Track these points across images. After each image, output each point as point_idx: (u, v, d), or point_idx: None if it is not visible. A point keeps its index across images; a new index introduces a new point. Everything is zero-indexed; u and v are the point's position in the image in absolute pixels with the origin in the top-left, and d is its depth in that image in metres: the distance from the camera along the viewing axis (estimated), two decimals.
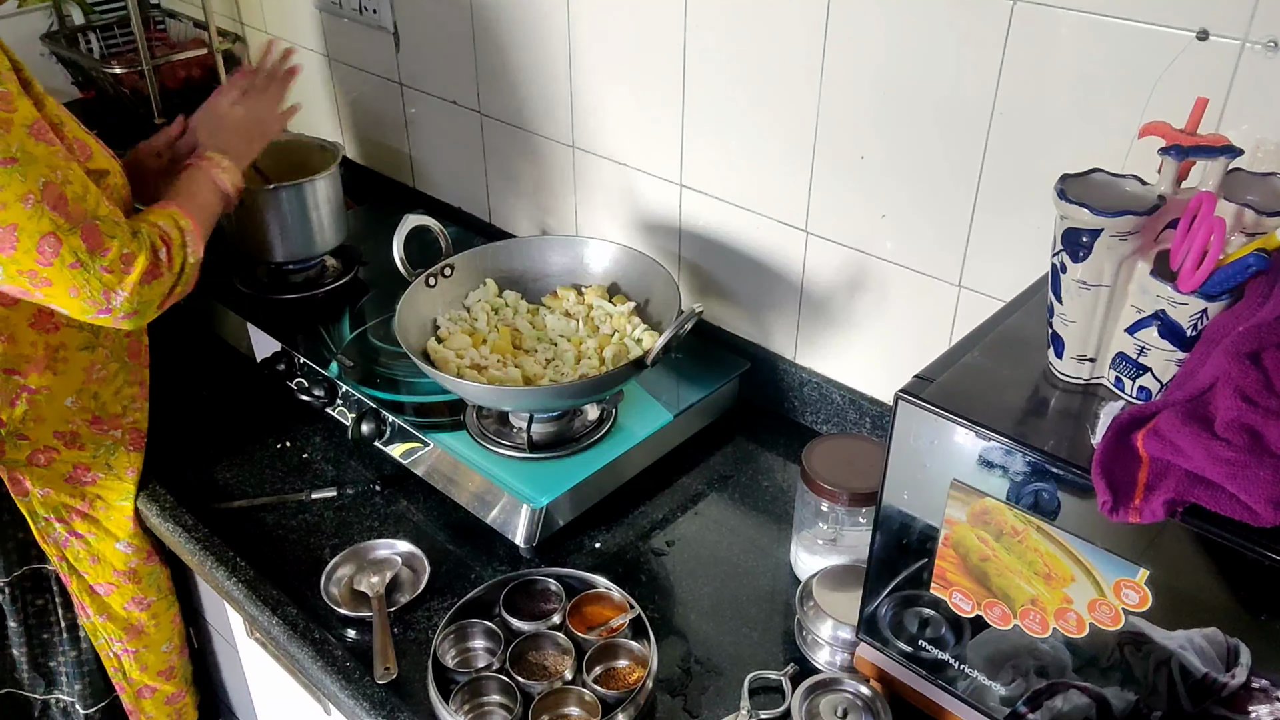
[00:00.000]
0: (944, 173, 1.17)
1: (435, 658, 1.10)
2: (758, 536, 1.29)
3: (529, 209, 1.76)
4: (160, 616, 1.50)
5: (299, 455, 1.43)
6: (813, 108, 1.26)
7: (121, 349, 1.35)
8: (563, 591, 1.17)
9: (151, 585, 1.47)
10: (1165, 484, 0.69)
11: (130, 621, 1.48)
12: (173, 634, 1.54)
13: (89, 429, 1.33)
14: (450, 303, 1.43)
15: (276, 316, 1.60)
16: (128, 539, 1.41)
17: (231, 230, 1.64)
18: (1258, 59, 0.90)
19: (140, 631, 1.49)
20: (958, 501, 0.83)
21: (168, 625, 1.52)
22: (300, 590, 1.22)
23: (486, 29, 1.64)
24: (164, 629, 1.52)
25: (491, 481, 1.27)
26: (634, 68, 1.44)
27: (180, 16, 2.34)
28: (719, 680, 1.10)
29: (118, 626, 1.47)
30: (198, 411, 1.48)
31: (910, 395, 0.83)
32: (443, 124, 1.83)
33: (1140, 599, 0.75)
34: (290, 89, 1.51)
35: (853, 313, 1.36)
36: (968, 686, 0.92)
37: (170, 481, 1.38)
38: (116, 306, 1.13)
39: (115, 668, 1.52)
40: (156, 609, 1.49)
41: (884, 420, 1.37)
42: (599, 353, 1.35)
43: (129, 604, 1.46)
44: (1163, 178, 0.79)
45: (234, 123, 1.42)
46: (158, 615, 1.50)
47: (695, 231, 1.49)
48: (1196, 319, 0.76)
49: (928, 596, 0.91)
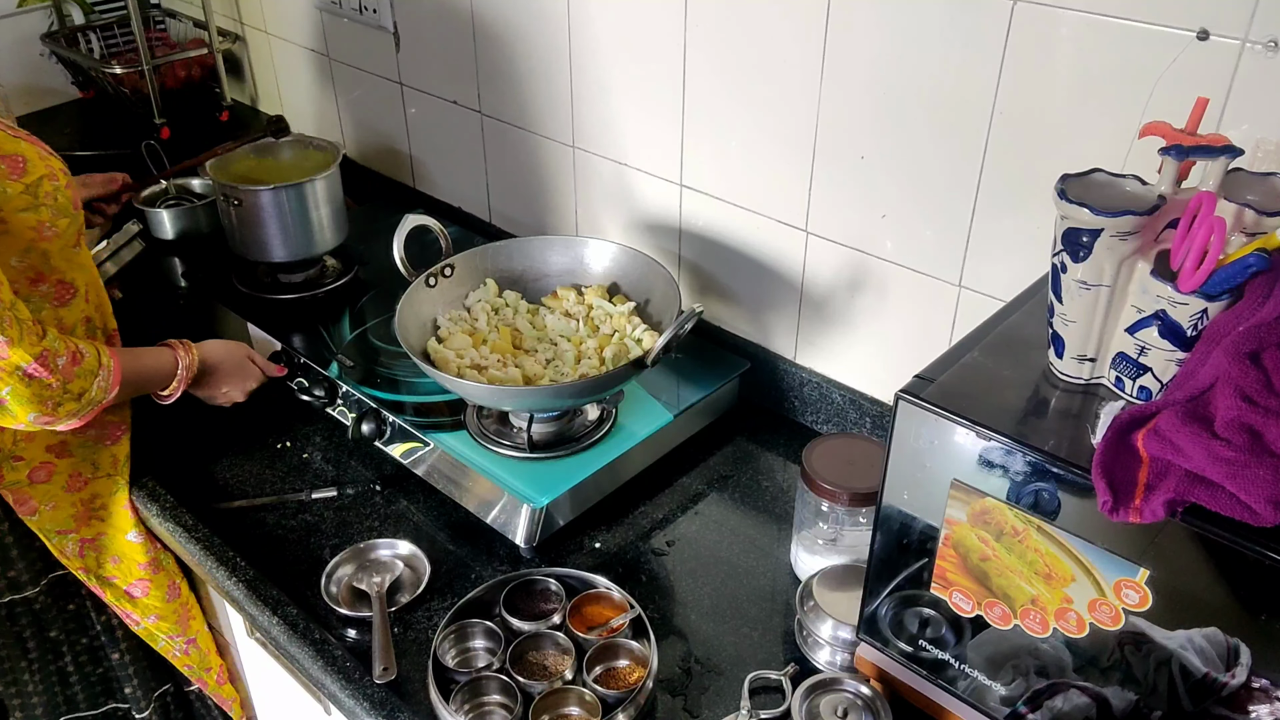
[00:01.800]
0: (944, 173, 1.17)
1: (435, 658, 1.10)
2: (758, 536, 1.29)
3: (529, 209, 1.76)
4: (190, 598, 1.51)
5: (299, 455, 1.43)
6: (813, 108, 1.26)
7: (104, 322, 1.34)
8: (563, 591, 1.17)
9: (175, 571, 1.48)
10: (1165, 484, 0.69)
11: (178, 612, 1.49)
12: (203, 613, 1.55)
13: (73, 436, 1.33)
14: (450, 303, 1.43)
15: (276, 316, 1.60)
16: (134, 529, 1.41)
17: (231, 230, 1.65)
18: (1258, 59, 0.90)
19: (189, 617, 1.51)
20: (958, 501, 0.83)
21: (197, 606, 1.54)
22: (300, 590, 1.22)
23: (486, 29, 1.64)
24: (198, 611, 1.53)
25: (492, 481, 1.27)
26: (634, 67, 1.44)
27: (180, 16, 2.34)
28: (719, 680, 1.10)
29: (170, 622, 1.48)
30: (198, 411, 1.48)
31: (910, 395, 0.83)
32: (443, 124, 1.83)
33: (1140, 599, 0.75)
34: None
35: (853, 313, 1.36)
36: (968, 686, 0.92)
37: (170, 481, 1.38)
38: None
39: (189, 665, 1.54)
40: (185, 591, 1.50)
41: (884, 420, 1.37)
42: (599, 353, 1.35)
43: (168, 595, 1.47)
44: (1163, 178, 0.79)
45: (228, 370, 1.40)
46: (187, 598, 1.51)
47: (695, 231, 1.49)
48: (1196, 319, 0.76)
49: (928, 596, 0.91)
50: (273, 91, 2.25)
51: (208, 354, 1.36)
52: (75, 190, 1.26)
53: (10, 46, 2.32)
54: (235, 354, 1.41)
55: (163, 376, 1.30)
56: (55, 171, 1.21)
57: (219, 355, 1.38)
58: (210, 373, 1.36)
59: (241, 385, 1.41)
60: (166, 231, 1.93)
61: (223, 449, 1.44)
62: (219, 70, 2.19)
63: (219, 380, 1.38)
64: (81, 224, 1.29)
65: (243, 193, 1.58)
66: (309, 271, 1.70)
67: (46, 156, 1.22)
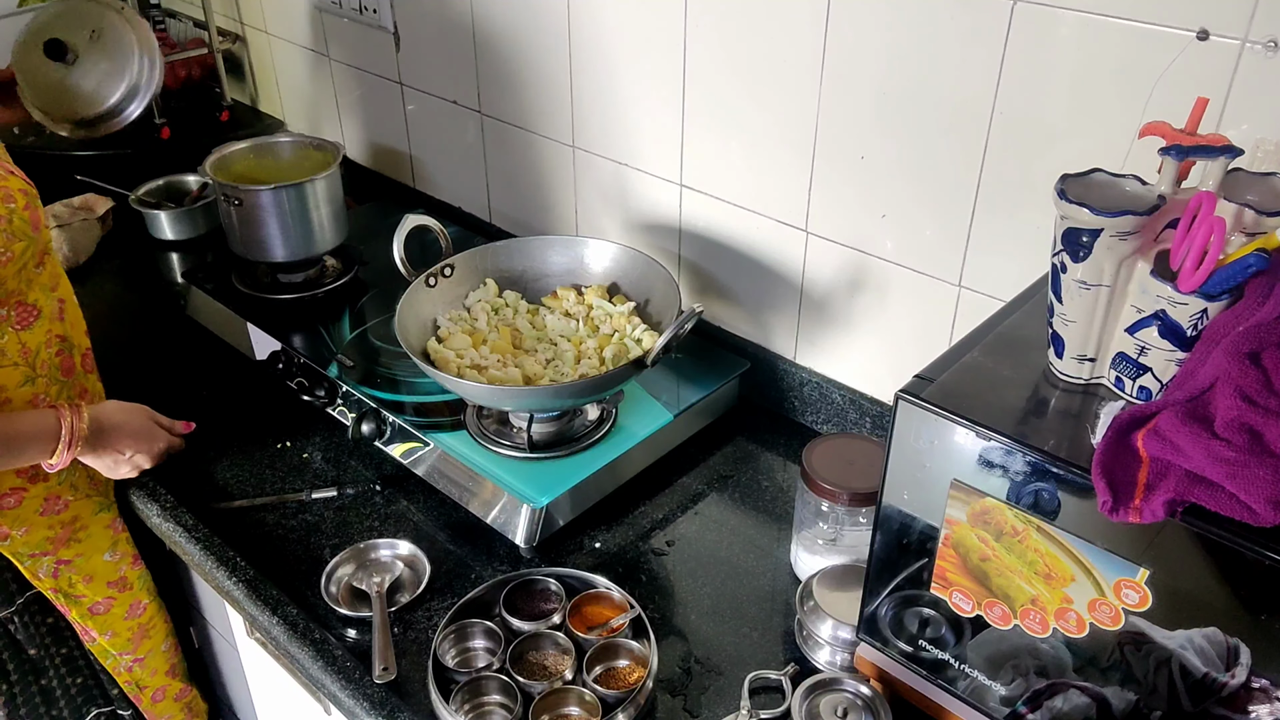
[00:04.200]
0: (944, 172, 1.17)
1: (435, 658, 1.10)
2: (758, 536, 1.29)
3: (529, 209, 1.76)
4: (155, 617, 1.51)
5: (299, 455, 1.43)
6: (813, 108, 1.26)
7: (55, 369, 1.30)
8: (563, 591, 1.17)
9: (143, 588, 1.48)
10: (1165, 484, 0.69)
11: (133, 630, 1.48)
12: (168, 632, 1.55)
13: None
14: (450, 303, 1.43)
15: (276, 316, 1.60)
16: (111, 548, 1.41)
17: (232, 230, 1.65)
18: (1258, 59, 0.90)
19: (144, 636, 1.50)
20: (958, 501, 0.83)
21: (162, 625, 1.53)
22: (300, 590, 1.22)
23: (486, 29, 1.64)
24: (160, 629, 1.53)
25: (492, 481, 1.27)
26: (635, 67, 1.44)
27: (180, 16, 2.34)
28: (719, 680, 1.10)
29: (123, 639, 1.47)
30: (198, 411, 1.48)
31: (910, 395, 0.83)
32: (443, 124, 1.83)
33: (1140, 599, 0.75)
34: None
35: (853, 312, 1.36)
36: (968, 686, 0.92)
37: (170, 481, 1.38)
38: None
39: (129, 680, 1.53)
40: (151, 610, 1.50)
41: (884, 420, 1.37)
42: (599, 353, 1.35)
43: (128, 613, 1.46)
44: (1163, 178, 0.79)
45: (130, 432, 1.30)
46: (153, 617, 1.50)
47: (695, 231, 1.49)
48: (1196, 319, 0.76)
49: (928, 596, 0.91)
50: (273, 91, 2.25)
51: (104, 416, 1.27)
52: (35, 211, 1.22)
53: (11, 47, 2.31)
54: (136, 415, 1.32)
55: (43, 441, 1.20)
56: (12, 193, 1.18)
57: (117, 417, 1.29)
58: (108, 434, 1.27)
59: (148, 448, 1.31)
60: (165, 232, 1.93)
61: (223, 449, 1.44)
62: (219, 70, 2.19)
63: (119, 443, 1.28)
64: (45, 243, 1.26)
65: (243, 193, 1.58)
66: (309, 271, 1.70)
67: (5, 177, 1.18)
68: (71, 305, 1.33)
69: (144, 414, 1.34)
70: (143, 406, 1.34)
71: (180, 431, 1.39)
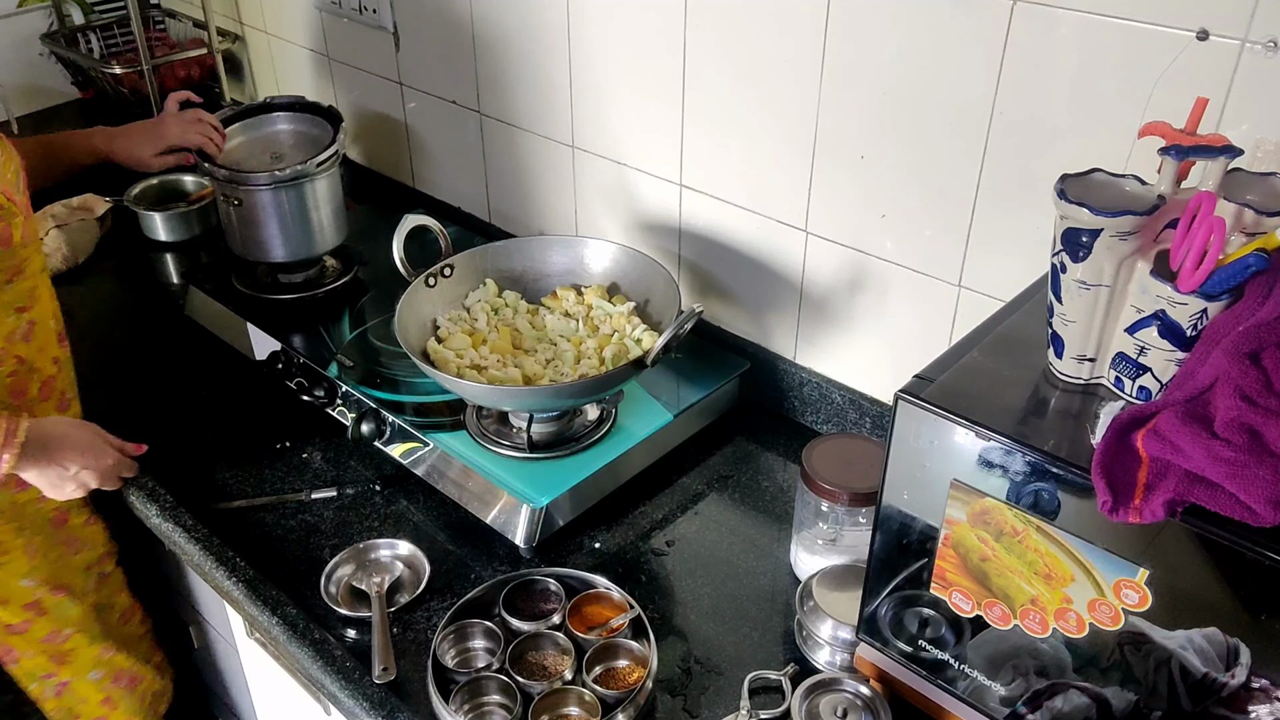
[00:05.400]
0: (944, 172, 1.17)
1: (435, 658, 1.10)
2: (758, 536, 1.29)
3: (529, 209, 1.76)
4: (75, 647, 1.48)
5: (299, 455, 1.43)
6: (813, 108, 1.26)
7: (4, 389, 1.29)
8: (563, 591, 1.17)
9: (67, 621, 1.45)
10: (1165, 484, 0.69)
11: (47, 653, 1.46)
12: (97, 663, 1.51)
13: None
14: (450, 303, 1.43)
15: (276, 316, 1.60)
16: (28, 574, 1.39)
17: (231, 230, 1.65)
18: (1258, 59, 0.90)
19: (64, 662, 1.47)
20: (958, 501, 0.83)
21: (89, 657, 1.50)
22: (300, 590, 1.22)
23: (486, 29, 1.64)
24: (80, 657, 1.49)
25: (491, 481, 1.27)
26: (634, 67, 1.44)
27: (180, 16, 2.34)
28: (719, 680, 1.10)
29: (44, 658, 1.46)
30: (197, 411, 1.48)
31: (910, 395, 0.83)
32: (443, 124, 1.83)
33: (1140, 599, 0.75)
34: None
35: (853, 312, 1.36)
36: (968, 686, 0.92)
37: (170, 481, 1.38)
38: None
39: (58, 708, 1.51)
40: (69, 641, 1.47)
41: (884, 420, 1.37)
42: (599, 353, 1.35)
43: (45, 638, 1.45)
44: (1163, 178, 0.79)
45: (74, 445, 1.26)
46: (70, 648, 1.47)
47: (695, 231, 1.49)
48: (1196, 319, 0.76)
49: (928, 596, 0.91)
50: (272, 91, 2.25)
51: (46, 426, 1.24)
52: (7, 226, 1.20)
53: (10, 46, 2.32)
54: (82, 430, 1.28)
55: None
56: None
57: (60, 430, 1.25)
58: (50, 447, 1.23)
59: (95, 464, 1.26)
60: (159, 234, 1.93)
61: (223, 449, 1.44)
62: (219, 70, 2.19)
63: (64, 456, 1.24)
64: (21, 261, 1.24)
65: (243, 192, 1.58)
66: (309, 271, 1.70)
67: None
68: (44, 329, 1.30)
69: (91, 429, 1.30)
70: (90, 424, 1.31)
71: (132, 453, 1.35)
